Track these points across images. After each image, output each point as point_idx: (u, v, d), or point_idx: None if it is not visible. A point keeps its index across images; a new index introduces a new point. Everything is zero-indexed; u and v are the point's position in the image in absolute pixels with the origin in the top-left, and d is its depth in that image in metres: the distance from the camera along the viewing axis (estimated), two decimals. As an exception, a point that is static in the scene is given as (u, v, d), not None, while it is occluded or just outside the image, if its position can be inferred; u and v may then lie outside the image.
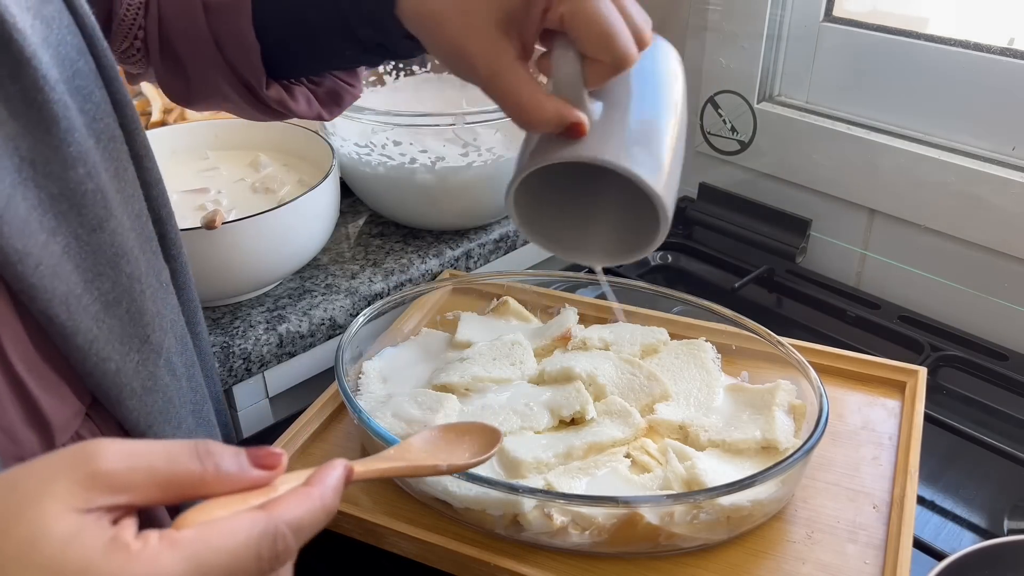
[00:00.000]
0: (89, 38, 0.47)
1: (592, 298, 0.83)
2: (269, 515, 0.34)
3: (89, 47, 0.47)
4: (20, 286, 0.41)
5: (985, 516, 0.71)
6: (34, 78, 0.41)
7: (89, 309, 0.44)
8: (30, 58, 0.41)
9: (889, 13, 0.98)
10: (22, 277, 0.41)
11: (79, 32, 0.46)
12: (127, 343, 0.47)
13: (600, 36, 0.45)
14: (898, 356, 0.79)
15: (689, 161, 1.15)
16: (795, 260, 1.03)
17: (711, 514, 0.58)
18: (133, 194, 0.49)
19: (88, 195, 0.44)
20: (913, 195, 0.94)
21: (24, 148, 0.41)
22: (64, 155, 0.43)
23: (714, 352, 0.75)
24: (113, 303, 0.46)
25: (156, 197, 0.52)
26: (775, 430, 0.65)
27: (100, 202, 0.45)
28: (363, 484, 0.66)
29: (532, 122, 0.47)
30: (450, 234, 0.99)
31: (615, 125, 0.48)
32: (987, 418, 0.82)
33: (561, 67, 0.47)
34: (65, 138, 0.43)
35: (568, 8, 0.44)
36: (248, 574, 0.33)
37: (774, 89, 1.06)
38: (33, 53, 0.41)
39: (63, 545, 0.30)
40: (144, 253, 0.50)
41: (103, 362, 0.45)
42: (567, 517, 0.58)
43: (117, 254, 0.46)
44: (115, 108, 0.48)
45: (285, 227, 0.82)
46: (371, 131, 0.93)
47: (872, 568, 0.58)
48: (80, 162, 0.44)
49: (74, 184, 0.43)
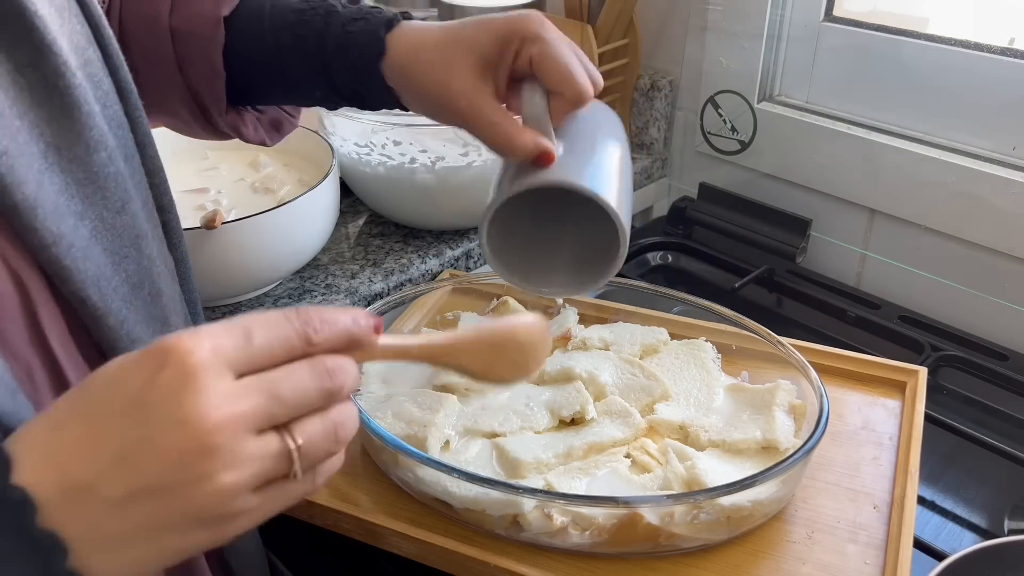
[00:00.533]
0: (95, 27, 0.48)
1: (592, 298, 0.83)
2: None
3: (95, 36, 0.48)
4: (55, 268, 0.42)
5: (985, 516, 0.71)
6: (55, 64, 0.42)
7: (119, 290, 0.45)
8: (51, 44, 0.42)
9: (889, 13, 0.98)
10: (57, 259, 0.41)
11: (86, 21, 0.47)
12: (151, 325, 0.48)
13: (563, 73, 0.54)
14: (898, 356, 0.79)
15: (690, 161, 1.16)
16: (795, 260, 1.03)
17: (711, 514, 0.58)
18: (140, 181, 0.50)
19: (111, 178, 0.45)
20: (913, 195, 0.94)
21: (49, 134, 0.42)
22: (87, 140, 0.44)
23: (714, 352, 0.75)
24: (137, 285, 0.47)
25: (158, 185, 0.53)
26: (775, 430, 0.65)
27: (121, 185, 0.46)
28: (363, 484, 0.66)
29: (513, 148, 0.54)
30: (450, 234, 0.99)
31: (578, 156, 0.56)
32: (987, 418, 0.82)
33: (530, 103, 0.56)
34: (87, 123, 0.44)
35: (538, 50, 0.54)
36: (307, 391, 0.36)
37: (774, 89, 1.06)
38: (54, 39, 0.42)
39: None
40: (155, 239, 0.51)
41: (132, 343, 0.46)
42: (567, 517, 0.58)
43: (138, 236, 0.47)
44: (120, 96, 0.49)
45: (285, 227, 0.82)
46: (371, 131, 0.93)
47: (872, 568, 0.58)
48: (102, 146, 0.45)
49: (97, 167, 0.44)
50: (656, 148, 1.17)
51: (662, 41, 1.13)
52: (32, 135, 0.41)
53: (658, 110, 1.14)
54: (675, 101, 1.15)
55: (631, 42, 1.09)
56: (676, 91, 1.14)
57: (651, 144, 1.17)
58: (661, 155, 1.17)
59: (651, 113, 1.15)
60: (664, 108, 1.14)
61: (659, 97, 1.13)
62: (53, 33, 0.42)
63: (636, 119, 1.17)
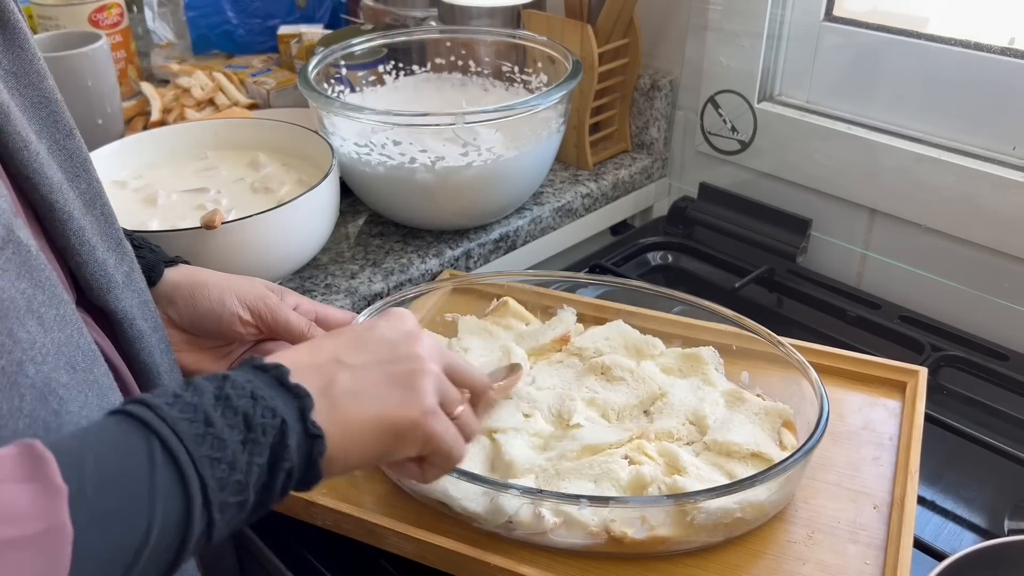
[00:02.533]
0: None
1: (592, 298, 0.83)
2: None
3: None
4: (26, 171, 0.47)
5: (985, 516, 0.71)
6: (4, 2, 0.48)
7: (75, 203, 0.50)
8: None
9: (889, 13, 0.98)
10: (27, 162, 0.47)
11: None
12: (107, 241, 0.53)
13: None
14: (899, 356, 0.79)
15: (690, 161, 1.15)
16: (795, 260, 1.03)
17: (709, 517, 0.58)
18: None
19: (59, 104, 0.51)
20: (913, 195, 0.94)
21: (7, 63, 0.48)
22: (38, 68, 0.50)
23: (716, 358, 0.75)
24: (89, 203, 0.52)
25: None
26: (769, 442, 0.65)
27: (66, 112, 0.52)
28: (363, 484, 0.66)
29: None
30: (450, 234, 0.99)
31: None
32: (987, 418, 0.82)
33: None
34: (36, 53, 0.50)
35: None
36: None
37: (774, 89, 1.06)
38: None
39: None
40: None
41: (93, 249, 0.51)
42: (560, 519, 0.58)
43: (86, 160, 0.53)
44: None
45: (285, 227, 0.82)
46: (371, 131, 0.93)
47: (872, 568, 0.58)
48: (48, 75, 0.51)
49: (48, 93, 0.50)
50: (656, 148, 1.17)
51: (662, 41, 1.13)
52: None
53: (658, 110, 1.14)
54: (675, 101, 1.15)
55: (631, 42, 1.09)
56: (676, 91, 1.14)
57: (651, 144, 1.17)
58: (661, 155, 1.17)
59: (651, 113, 1.15)
60: (664, 108, 1.14)
61: (659, 97, 1.13)
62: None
63: (636, 119, 1.17)
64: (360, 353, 0.49)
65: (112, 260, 0.53)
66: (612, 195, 1.12)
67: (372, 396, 0.47)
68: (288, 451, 0.42)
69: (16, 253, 0.42)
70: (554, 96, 0.91)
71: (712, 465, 0.64)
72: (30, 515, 0.34)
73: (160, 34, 1.43)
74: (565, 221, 1.07)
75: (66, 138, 0.51)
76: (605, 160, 1.15)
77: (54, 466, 0.35)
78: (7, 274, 0.41)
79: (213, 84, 1.23)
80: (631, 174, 1.14)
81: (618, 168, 1.14)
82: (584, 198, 1.08)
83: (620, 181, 1.13)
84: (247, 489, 0.41)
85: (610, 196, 1.12)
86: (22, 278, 0.42)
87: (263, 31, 1.40)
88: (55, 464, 0.35)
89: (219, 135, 0.98)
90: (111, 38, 1.21)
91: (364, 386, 0.47)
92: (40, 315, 0.43)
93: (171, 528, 0.38)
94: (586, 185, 1.09)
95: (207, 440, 0.40)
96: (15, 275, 0.42)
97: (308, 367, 0.46)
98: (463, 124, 0.89)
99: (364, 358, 0.48)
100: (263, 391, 0.43)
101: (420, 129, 0.92)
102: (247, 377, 0.43)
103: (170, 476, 0.38)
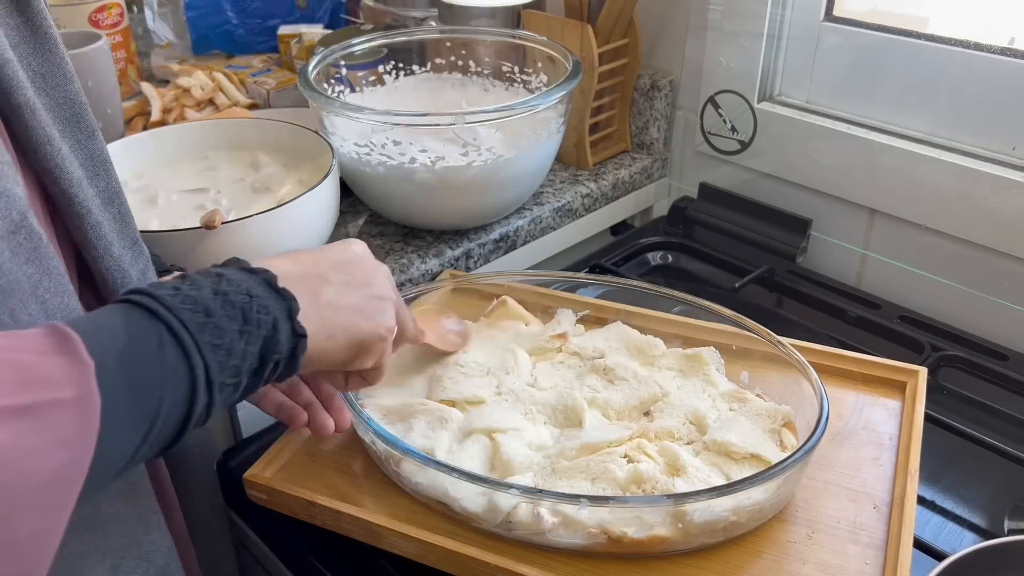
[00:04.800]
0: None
1: (592, 298, 0.83)
2: None
3: None
4: (48, 165, 0.49)
5: (985, 516, 0.71)
6: (38, 8, 0.51)
7: (94, 199, 0.53)
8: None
9: (889, 13, 0.98)
10: (50, 157, 0.49)
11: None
12: (123, 239, 0.55)
13: None
14: (898, 356, 0.79)
15: (690, 161, 1.16)
16: (795, 260, 1.03)
17: (708, 517, 0.58)
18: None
19: (83, 107, 0.53)
20: (913, 195, 0.94)
21: (35, 64, 0.51)
22: (64, 71, 0.52)
23: (717, 358, 0.75)
24: (108, 202, 0.54)
25: None
26: (769, 443, 0.65)
27: (90, 114, 0.54)
28: (363, 484, 0.66)
29: None
30: (450, 234, 0.99)
31: None
32: (987, 418, 0.82)
33: None
34: (65, 58, 0.52)
35: None
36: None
37: (774, 89, 1.06)
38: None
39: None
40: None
41: (109, 245, 0.53)
42: (558, 518, 0.58)
43: (106, 161, 0.55)
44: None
45: (285, 227, 0.82)
46: (371, 131, 0.93)
47: (872, 568, 0.58)
48: (75, 79, 0.53)
49: (72, 95, 0.53)
50: (656, 148, 1.17)
51: (662, 41, 1.13)
52: (23, 64, 0.49)
53: (658, 110, 1.14)
54: (675, 101, 1.15)
55: (631, 42, 1.09)
56: (676, 91, 1.14)
57: (651, 144, 1.17)
58: (661, 155, 1.17)
59: (651, 113, 1.15)
60: (664, 108, 1.14)
61: (659, 97, 1.13)
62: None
63: (636, 119, 1.17)
64: (342, 274, 0.55)
65: (128, 257, 0.55)
66: (612, 195, 1.12)
67: (351, 311, 0.54)
68: (279, 344, 0.47)
69: (28, 239, 0.45)
70: (554, 96, 0.91)
71: (711, 465, 0.64)
72: (65, 383, 0.37)
73: (160, 34, 1.43)
74: (565, 221, 1.07)
75: (88, 139, 0.53)
76: (605, 160, 1.15)
77: (80, 343, 0.39)
78: (17, 257, 0.44)
79: (213, 84, 1.23)
80: (631, 174, 1.14)
81: (618, 168, 1.14)
82: (584, 198, 1.08)
83: (620, 181, 1.13)
84: (241, 373, 0.46)
85: (610, 196, 1.12)
86: (31, 263, 0.45)
87: (263, 31, 1.40)
88: (81, 342, 0.39)
89: (219, 135, 0.98)
90: (111, 38, 1.21)
91: (345, 302, 0.54)
92: (44, 300, 0.45)
93: (178, 405, 0.42)
94: (586, 185, 1.09)
95: (208, 328, 0.44)
96: (24, 259, 0.44)
97: (294, 276, 0.51)
98: (463, 124, 0.89)
99: (345, 279, 0.55)
100: (256, 290, 0.47)
101: (420, 129, 0.92)
102: (240, 277, 0.48)
103: (177, 358, 0.42)
